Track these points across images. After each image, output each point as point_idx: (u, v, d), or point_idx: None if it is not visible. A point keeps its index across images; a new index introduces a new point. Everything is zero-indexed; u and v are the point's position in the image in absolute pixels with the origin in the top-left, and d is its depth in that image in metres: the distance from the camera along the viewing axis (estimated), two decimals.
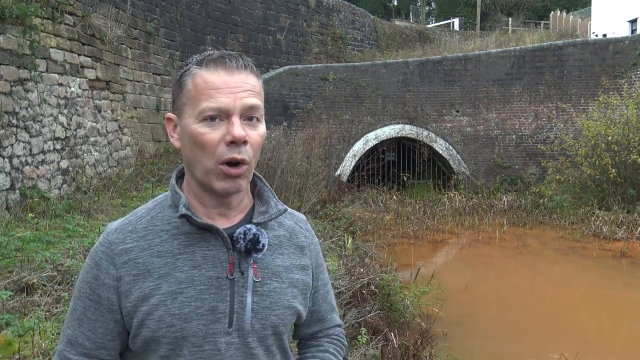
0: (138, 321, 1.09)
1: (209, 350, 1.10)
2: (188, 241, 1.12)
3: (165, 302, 1.08)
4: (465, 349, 5.40)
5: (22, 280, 4.40)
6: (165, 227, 1.13)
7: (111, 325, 1.12)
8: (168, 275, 1.09)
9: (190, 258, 1.11)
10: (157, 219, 1.14)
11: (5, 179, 6.99)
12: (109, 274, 1.10)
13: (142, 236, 1.12)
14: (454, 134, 15.22)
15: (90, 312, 1.12)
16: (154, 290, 1.09)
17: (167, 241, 1.12)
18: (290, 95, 14.60)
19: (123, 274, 1.10)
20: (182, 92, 1.11)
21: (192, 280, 1.10)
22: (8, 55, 7.27)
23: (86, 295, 1.13)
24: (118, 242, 1.12)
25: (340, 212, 11.15)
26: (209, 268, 1.11)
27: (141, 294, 1.09)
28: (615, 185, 11.99)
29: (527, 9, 35.58)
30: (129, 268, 1.10)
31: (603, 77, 14.35)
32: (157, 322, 1.08)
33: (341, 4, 21.00)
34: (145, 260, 1.10)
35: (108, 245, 1.12)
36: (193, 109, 1.09)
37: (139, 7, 12.05)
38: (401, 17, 36.33)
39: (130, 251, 1.11)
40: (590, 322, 6.69)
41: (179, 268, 1.10)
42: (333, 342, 1.36)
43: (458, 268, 9.46)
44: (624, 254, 9.24)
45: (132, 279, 1.09)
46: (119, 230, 1.14)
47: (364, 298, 5.39)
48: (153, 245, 1.11)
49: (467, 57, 15.36)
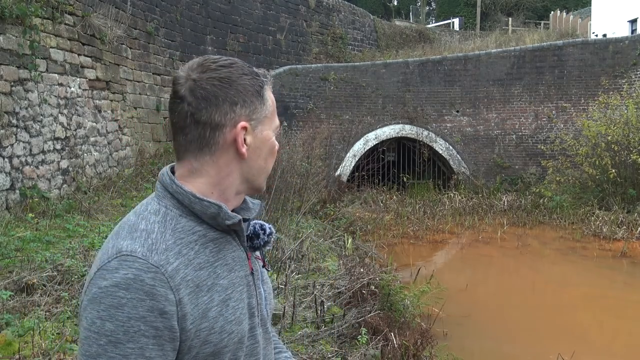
0: (200, 340, 1.05)
1: (251, 345, 1.16)
2: (217, 247, 1.12)
3: (222, 312, 1.08)
4: (465, 349, 5.40)
5: (22, 280, 4.40)
6: (191, 237, 1.09)
7: (171, 355, 1.03)
8: (215, 285, 1.09)
9: (225, 263, 1.13)
10: (178, 231, 1.09)
11: (5, 179, 6.99)
12: (168, 300, 1.01)
13: (178, 252, 1.06)
14: (454, 134, 15.22)
15: (149, 351, 1.00)
16: (209, 303, 1.07)
17: (200, 252, 1.09)
18: (290, 95, 14.60)
19: (182, 296, 1.03)
20: (265, 106, 1.16)
21: (233, 283, 1.13)
22: (8, 55, 7.27)
23: (141, 333, 0.99)
24: (165, 264, 1.03)
25: (340, 212, 11.15)
26: (239, 268, 1.16)
27: (199, 311, 1.05)
28: (615, 185, 11.99)
29: (527, 9, 35.58)
30: (184, 288, 1.04)
31: (603, 77, 14.35)
32: (219, 334, 1.07)
33: (341, 4, 21.00)
34: (192, 277, 1.06)
35: (156, 269, 1.01)
36: (272, 123, 1.17)
37: (139, 7, 12.05)
38: (401, 17, 36.33)
39: (179, 270, 1.04)
40: (590, 322, 6.69)
41: (220, 275, 1.11)
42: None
43: (458, 268, 9.47)
44: (624, 254, 9.24)
45: (189, 299, 1.04)
46: (155, 251, 1.03)
47: (364, 298, 5.40)
48: (191, 259, 1.07)
49: (467, 57, 15.36)
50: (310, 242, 7.04)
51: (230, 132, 1.10)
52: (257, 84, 1.14)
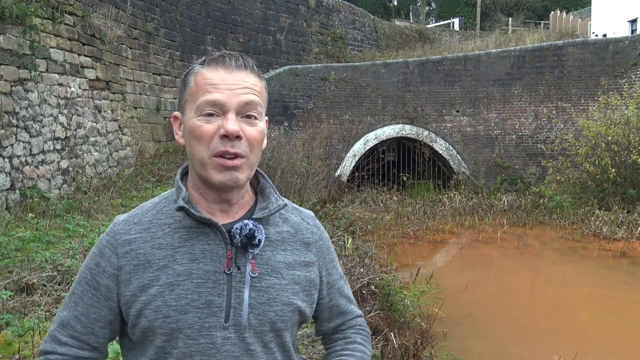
0: (136, 310, 1.11)
1: (204, 344, 1.11)
2: (188, 235, 1.14)
3: (163, 294, 1.10)
4: (465, 349, 5.40)
5: (22, 280, 4.40)
6: (168, 220, 1.16)
7: (105, 312, 1.15)
8: (167, 267, 1.12)
9: (189, 251, 1.13)
10: (162, 212, 1.18)
11: (5, 179, 6.98)
12: (110, 262, 1.15)
13: (145, 228, 1.16)
14: (454, 134, 15.22)
15: (87, 297, 1.16)
16: (153, 281, 1.11)
17: (168, 234, 1.15)
18: (290, 95, 14.60)
19: (124, 264, 1.13)
20: (185, 90, 1.15)
21: (190, 273, 1.11)
22: (8, 55, 7.27)
23: (86, 280, 1.17)
24: (122, 233, 1.16)
25: (340, 212, 11.15)
26: (207, 262, 1.13)
27: (140, 284, 1.12)
28: (615, 185, 11.99)
29: (527, 9, 35.58)
30: (130, 258, 1.13)
31: (603, 77, 14.35)
32: (154, 312, 1.10)
33: (341, 4, 21.00)
34: (146, 252, 1.13)
35: (113, 235, 1.17)
36: (193, 104, 1.13)
37: (139, 7, 12.05)
38: (401, 17, 36.33)
39: (133, 242, 1.15)
40: (590, 322, 6.69)
41: (178, 261, 1.12)
42: (358, 332, 1.37)
43: (458, 268, 9.46)
44: (624, 254, 9.24)
45: (132, 269, 1.13)
46: (124, 222, 1.18)
47: (364, 298, 5.40)
48: (155, 237, 1.14)
49: (467, 57, 15.36)
50: None
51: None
52: (187, 72, 1.18)
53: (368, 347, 1.35)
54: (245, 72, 1.14)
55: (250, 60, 1.17)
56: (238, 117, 1.11)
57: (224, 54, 1.14)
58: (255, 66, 1.18)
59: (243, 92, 1.12)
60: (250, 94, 1.13)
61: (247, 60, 1.16)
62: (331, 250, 1.33)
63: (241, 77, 1.13)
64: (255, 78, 1.16)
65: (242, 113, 1.12)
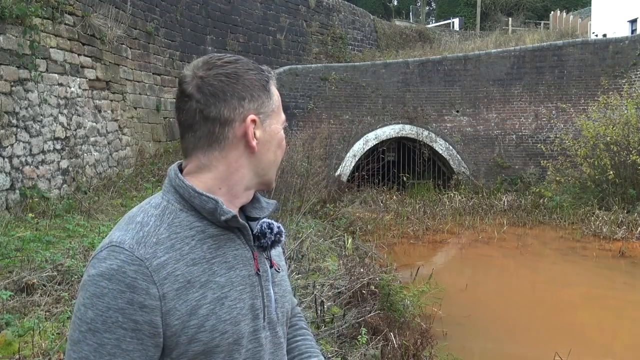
0: (188, 337, 1.02)
1: (255, 348, 1.12)
2: (217, 244, 1.10)
3: (215, 310, 1.05)
4: (465, 349, 5.41)
5: (22, 280, 4.40)
6: (188, 232, 1.07)
7: (151, 351, 1.02)
8: (209, 282, 1.06)
9: (224, 260, 1.10)
10: (175, 225, 1.07)
11: (5, 179, 6.99)
12: (149, 294, 1.00)
13: (170, 246, 1.04)
14: (454, 134, 15.22)
15: (126, 343, 1.00)
16: (200, 300, 1.04)
17: (196, 247, 1.07)
18: (290, 95, 14.60)
19: (166, 291, 1.01)
20: (271, 100, 1.17)
21: (232, 282, 1.09)
22: (8, 55, 7.27)
23: (118, 324, 0.99)
24: (150, 257, 1.01)
25: (340, 212, 11.15)
26: (241, 267, 1.12)
27: (188, 307, 1.03)
28: (615, 186, 11.99)
29: (527, 9, 35.59)
30: (170, 283, 1.02)
31: (603, 77, 14.35)
32: (210, 332, 1.04)
33: (341, 4, 20.99)
34: (183, 272, 1.04)
35: (140, 262, 1.00)
36: (279, 116, 1.19)
37: (139, 7, 12.06)
38: (401, 17, 36.33)
39: (167, 264, 1.02)
40: (590, 322, 6.69)
41: (217, 272, 1.08)
42: (301, 319, 1.44)
43: (458, 268, 9.46)
44: (623, 254, 9.25)
45: (175, 294, 1.02)
46: (143, 244, 1.03)
47: (364, 298, 5.40)
48: (184, 254, 1.05)
49: (467, 57, 15.36)
50: (310, 242, 7.04)
51: (239, 126, 1.10)
52: (262, 78, 1.15)
53: (310, 330, 1.43)
54: None
55: None
56: None
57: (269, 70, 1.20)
58: None
59: None
60: None
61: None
62: None
63: None
64: None
65: None
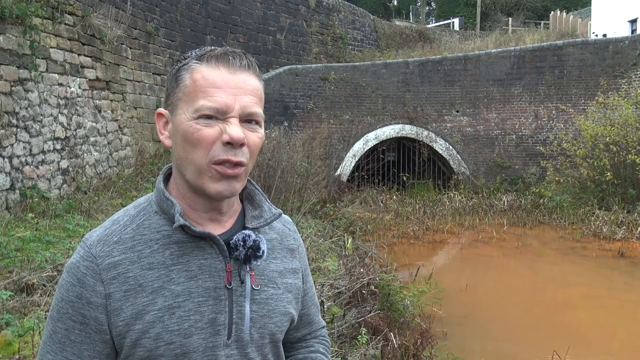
0: (132, 341, 1.00)
1: None
2: (181, 250, 1.03)
3: (162, 318, 1.00)
4: (465, 349, 5.40)
5: (22, 280, 4.40)
6: (154, 236, 1.04)
7: (99, 346, 1.02)
8: (162, 288, 1.01)
9: (185, 269, 1.03)
10: (144, 227, 1.04)
11: (5, 179, 6.99)
12: (95, 291, 1.00)
13: (129, 247, 1.02)
14: (454, 134, 15.22)
15: (74, 334, 1.01)
16: (149, 306, 1.00)
17: (158, 252, 1.03)
18: (290, 95, 14.60)
19: (112, 291, 1.00)
20: (178, 87, 1.04)
21: (189, 292, 1.02)
22: (8, 55, 7.27)
23: (68, 316, 1.01)
24: (104, 256, 1.01)
25: (340, 212, 11.15)
26: (206, 278, 1.04)
27: (134, 310, 1.00)
28: (615, 186, 11.99)
29: (527, 9, 35.58)
30: (119, 284, 1.00)
31: (603, 77, 14.36)
32: (154, 340, 1.00)
33: (341, 4, 20.99)
34: (136, 274, 1.01)
35: (92, 259, 1.01)
36: (189, 105, 1.02)
37: (139, 7, 12.05)
38: (401, 17, 36.33)
39: (119, 265, 1.01)
40: (590, 322, 6.69)
41: (174, 280, 1.02)
42: (321, 342, 1.33)
43: (458, 268, 9.46)
44: (622, 254, 9.25)
45: (123, 295, 1.00)
46: (102, 242, 1.02)
47: (364, 298, 5.40)
48: (143, 256, 1.02)
49: (467, 57, 15.37)
50: (310, 242, 7.04)
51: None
52: (179, 66, 1.06)
53: (329, 357, 1.32)
54: (248, 72, 1.05)
55: (253, 59, 1.07)
56: (239, 122, 1.03)
57: (226, 52, 1.04)
58: (257, 66, 1.08)
59: (247, 98, 1.03)
60: (253, 97, 1.04)
61: (250, 60, 1.06)
62: (306, 256, 1.29)
63: (244, 78, 1.04)
64: (257, 80, 1.07)
65: (244, 118, 1.03)
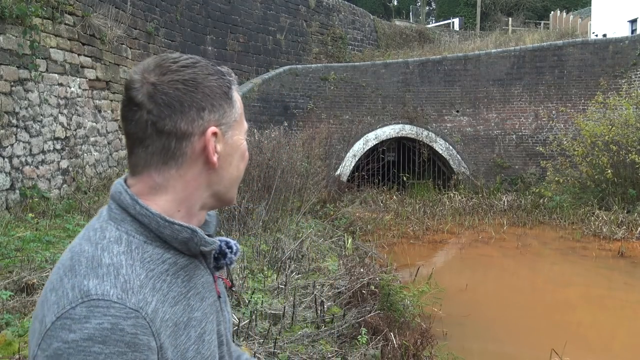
0: None
1: None
2: (188, 275, 1.00)
3: (199, 349, 0.98)
4: (465, 349, 5.40)
5: (22, 280, 4.40)
6: (161, 267, 0.95)
7: None
8: (190, 319, 0.97)
9: (196, 292, 1.01)
10: (147, 261, 0.94)
11: (5, 179, 6.99)
12: (150, 348, 0.87)
13: (152, 288, 0.92)
14: (454, 134, 15.22)
15: None
16: (186, 342, 0.95)
17: (172, 284, 0.96)
18: (290, 95, 14.60)
19: (163, 340, 0.90)
20: (234, 108, 1.02)
21: (205, 314, 1.01)
22: (8, 55, 7.26)
23: None
24: (144, 305, 0.88)
25: (340, 212, 11.15)
26: (209, 295, 1.04)
27: (178, 354, 0.93)
28: (615, 185, 11.99)
29: (527, 9, 35.59)
30: (164, 330, 0.91)
31: (603, 77, 14.36)
32: None
33: (341, 4, 20.99)
34: (170, 315, 0.93)
35: (136, 314, 0.86)
36: (241, 126, 1.04)
37: (139, 7, 12.05)
38: (401, 17, 36.33)
39: (158, 310, 0.91)
40: (590, 322, 6.69)
41: (194, 307, 0.99)
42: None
43: (458, 268, 9.46)
44: (622, 254, 9.25)
45: (169, 342, 0.92)
46: (129, 291, 0.88)
47: (364, 298, 5.40)
48: (165, 293, 0.94)
49: (467, 57, 15.37)
50: (310, 242, 7.05)
51: (198, 140, 0.96)
52: (224, 84, 1.01)
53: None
54: None
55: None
56: None
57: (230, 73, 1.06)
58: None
59: None
60: None
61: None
62: None
63: None
64: None
65: None
